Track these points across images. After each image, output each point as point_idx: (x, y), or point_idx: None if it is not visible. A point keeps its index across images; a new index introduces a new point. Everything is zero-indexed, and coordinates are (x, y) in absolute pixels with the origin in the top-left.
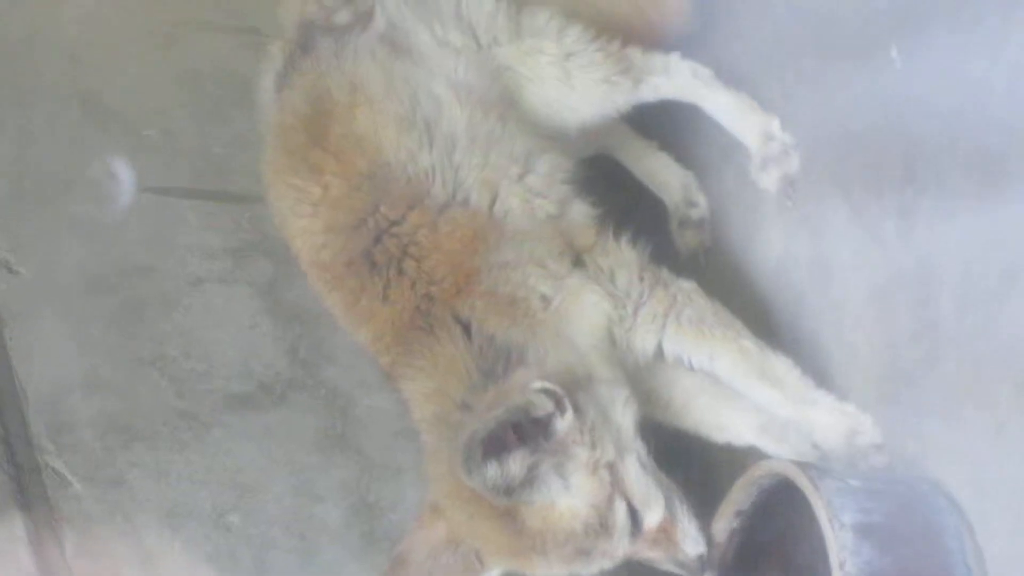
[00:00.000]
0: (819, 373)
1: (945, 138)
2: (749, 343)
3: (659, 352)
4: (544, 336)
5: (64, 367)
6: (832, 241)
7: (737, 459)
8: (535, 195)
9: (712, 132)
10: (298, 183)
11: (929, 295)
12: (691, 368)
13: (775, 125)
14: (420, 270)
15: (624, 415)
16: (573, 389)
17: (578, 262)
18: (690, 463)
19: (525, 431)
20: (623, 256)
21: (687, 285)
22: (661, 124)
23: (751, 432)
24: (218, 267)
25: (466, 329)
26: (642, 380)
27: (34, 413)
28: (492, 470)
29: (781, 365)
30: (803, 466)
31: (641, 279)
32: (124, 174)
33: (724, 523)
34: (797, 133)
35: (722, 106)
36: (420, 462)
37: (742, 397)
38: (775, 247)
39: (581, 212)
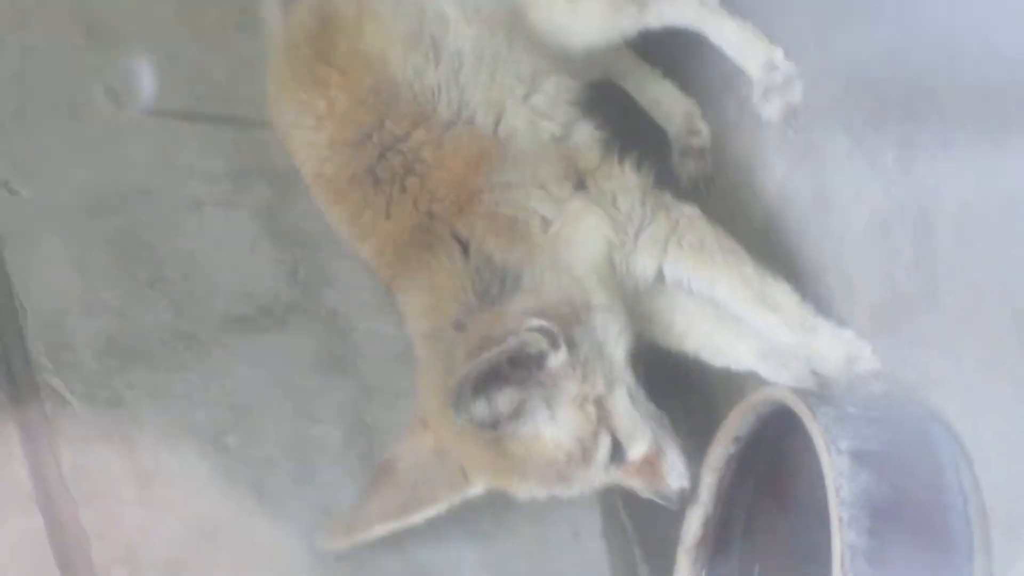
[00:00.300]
0: (819, 301)
1: (947, 70)
2: (750, 269)
3: (660, 276)
4: (542, 260)
5: (63, 287)
6: (833, 171)
7: (735, 385)
8: (540, 116)
9: (715, 61)
10: (303, 97)
11: (929, 226)
12: (691, 293)
13: (779, 55)
14: (423, 187)
15: (617, 345)
16: (569, 322)
17: (580, 185)
18: (689, 389)
19: (517, 361)
20: (626, 180)
21: (689, 210)
22: (664, 51)
23: (751, 357)
24: (218, 190)
25: (465, 248)
26: (642, 304)
27: (32, 332)
28: (480, 408)
29: (781, 291)
30: (801, 393)
31: (643, 203)
32: (125, 96)
33: (721, 449)
34: (800, 63)
35: (726, 34)
36: None
37: (742, 322)
38: (776, 176)
39: (586, 134)
